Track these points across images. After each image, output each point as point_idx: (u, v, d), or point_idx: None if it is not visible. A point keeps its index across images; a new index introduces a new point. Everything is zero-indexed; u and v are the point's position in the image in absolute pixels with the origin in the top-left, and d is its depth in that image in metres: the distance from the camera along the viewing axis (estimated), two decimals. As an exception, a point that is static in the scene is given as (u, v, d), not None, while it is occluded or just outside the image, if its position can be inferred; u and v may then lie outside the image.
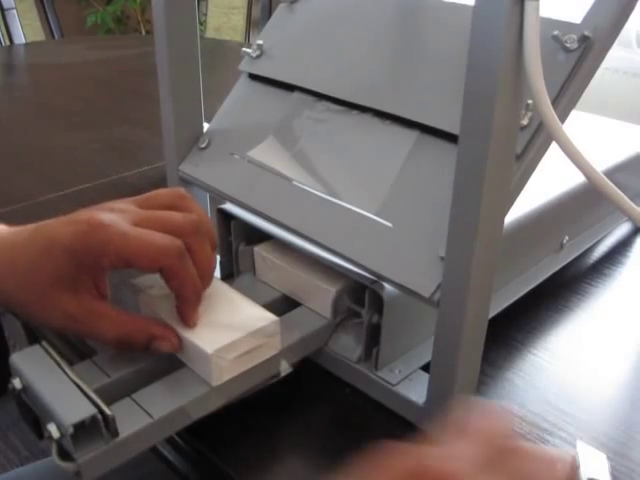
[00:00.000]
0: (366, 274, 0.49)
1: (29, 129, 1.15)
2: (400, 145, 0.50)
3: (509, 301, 0.61)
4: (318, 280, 0.53)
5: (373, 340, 0.51)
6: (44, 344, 0.44)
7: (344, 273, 0.51)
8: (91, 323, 0.45)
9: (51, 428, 0.38)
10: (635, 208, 0.44)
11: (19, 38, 2.12)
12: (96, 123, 1.17)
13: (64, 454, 0.39)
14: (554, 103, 0.44)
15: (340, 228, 0.50)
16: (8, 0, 2.12)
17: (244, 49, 0.62)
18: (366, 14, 0.57)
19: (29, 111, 1.28)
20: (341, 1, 0.59)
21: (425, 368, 0.50)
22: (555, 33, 0.44)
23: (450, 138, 0.47)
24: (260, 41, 0.62)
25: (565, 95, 0.44)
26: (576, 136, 0.40)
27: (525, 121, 0.44)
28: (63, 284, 0.44)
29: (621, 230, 0.80)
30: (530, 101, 0.44)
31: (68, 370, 0.42)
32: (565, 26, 0.45)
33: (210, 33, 2.55)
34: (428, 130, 0.49)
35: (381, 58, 0.54)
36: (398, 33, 0.55)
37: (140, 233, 0.44)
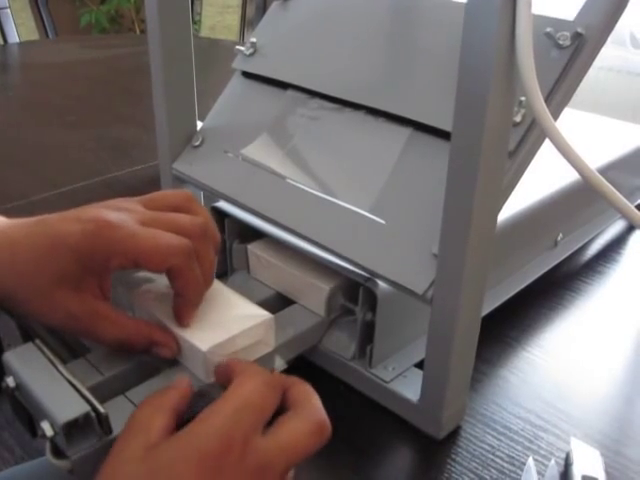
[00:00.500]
0: (360, 271, 0.49)
1: (23, 128, 1.14)
2: (393, 142, 0.50)
3: (503, 299, 0.61)
4: (312, 278, 0.53)
5: (367, 337, 0.51)
6: (37, 342, 0.44)
7: (338, 271, 0.51)
8: (92, 324, 0.44)
9: (44, 426, 0.38)
10: (628, 205, 0.45)
11: (13, 37, 2.10)
12: (90, 122, 1.17)
13: (58, 452, 0.39)
14: (547, 100, 0.44)
15: (334, 226, 0.50)
16: (2, -1, 2.12)
17: (237, 47, 0.62)
18: (359, 12, 0.57)
19: (23, 110, 1.27)
20: (335, -1, 0.59)
21: (419, 365, 0.50)
22: (548, 30, 0.44)
23: (443, 135, 0.47)
24: (253, 39, 0.62)
25: (558, 92, 0.45)
26: (569, 134, 0.40)
27: (518, 118, 0.45)
28: (67, 283, 0.43)
29: (615, 228, 0.80)
30: (523, 98, 0.44)
31: (62, 368, 0.42)
32: (558, 23, 0.45)
33: (205, 32, 2.54)
34: (421, 127, 0.49)
35: (374, 56, 0.54)
36: (391, 31, 0.55)
37: (150, 233, 0.43)
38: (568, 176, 0.66)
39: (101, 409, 0.39)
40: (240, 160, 0.58)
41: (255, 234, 0.58)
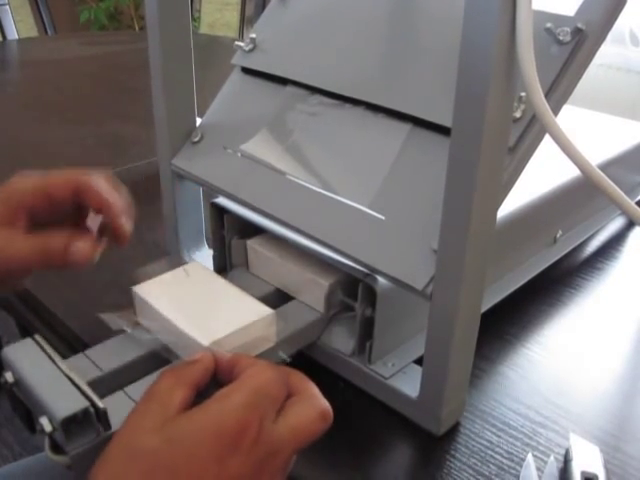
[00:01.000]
0: (359, 267, 0.49)
1: (22, 125, 1.14)
2: (393, 138, 0.50)
3: (503, 295, 0.61)
4: (311, 274, 0.53)
5: (366, 333, 0.51)
6: (36, 337, 0.44)
7: (337, 266, 0.51)
8: (6, 242, 0.45)
9: (43, 422, 0.38)
10: (628, 202, 0.44)
11: (12, 34, 2.10)
12: (89, 118, 1.17)
13: (56, 448, 0.39)
14: (547, 95, 0.44)
15: (333, 221, 0.50)
16: (1, -4, 2.11)
17: (237, 42, 0.62)
18: (358, 7, 0.57)
19: (22, 107, 1.27)
20: (334, -5, 0.59)
21: (418, 361, 0.50)
22: (548, 25, 0.44)
23: (443, 131, 0.47)
24: (253, 35, 0.61)
25: (558, 88, 0.44)
26: (570, 130, 0.40)
27: (518, 114, 0.44)
28: None
29: (615, 224, 0.80)
30: (523, 93, 0.44)
31: (60, 363, 0.42)
32: (558, 19, 0.45)
33: (204, 29, 2.54)
34: (421, 123, 0.49)
35: (374, 51, 0.54)
36: (390, 26, 0.55)
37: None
38: (568, 173, 0.66)
39: (100, 404, 0.39)
40: (239, 156, 0.58)
41: (254, 230, 0.58)
